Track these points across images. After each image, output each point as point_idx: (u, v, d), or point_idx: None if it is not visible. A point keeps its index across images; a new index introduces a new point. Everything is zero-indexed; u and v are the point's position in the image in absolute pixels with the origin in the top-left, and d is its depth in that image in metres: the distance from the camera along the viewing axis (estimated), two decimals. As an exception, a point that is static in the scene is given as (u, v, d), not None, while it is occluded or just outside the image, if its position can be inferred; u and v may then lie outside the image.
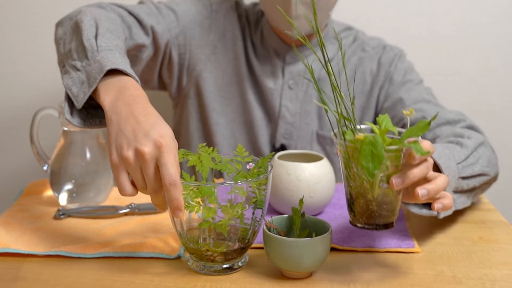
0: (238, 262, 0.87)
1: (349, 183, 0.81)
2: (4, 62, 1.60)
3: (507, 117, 1.63)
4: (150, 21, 1.19)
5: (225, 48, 1.30)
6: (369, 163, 0.74)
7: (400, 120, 1.25)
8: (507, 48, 1.59)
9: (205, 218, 0.83)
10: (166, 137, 0.80)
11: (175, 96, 1.34)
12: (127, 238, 0.96)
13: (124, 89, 0.87)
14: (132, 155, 0.79)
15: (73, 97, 0.90)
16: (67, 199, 1.10)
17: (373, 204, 0.79)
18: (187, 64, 1.29)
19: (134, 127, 0.81)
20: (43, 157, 1.12)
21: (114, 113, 0.84)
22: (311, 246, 0.81)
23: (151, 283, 0.83)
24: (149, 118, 0.82)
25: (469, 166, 1.00)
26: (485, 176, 1.05)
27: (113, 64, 0.89)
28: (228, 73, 1.30)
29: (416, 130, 0.78)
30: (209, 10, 1.29)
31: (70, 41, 0.98)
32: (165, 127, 0.81)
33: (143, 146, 0.78)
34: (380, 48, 1.33)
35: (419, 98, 1.24)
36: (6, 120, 1.64)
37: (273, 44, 1.29)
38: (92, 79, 0.89)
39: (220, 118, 1.31)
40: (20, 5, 1.56)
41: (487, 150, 1.07)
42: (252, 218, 0.85)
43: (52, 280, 0.84)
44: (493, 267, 0.89)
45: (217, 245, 0.85)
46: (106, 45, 0.94)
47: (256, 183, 0.84)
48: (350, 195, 0.81)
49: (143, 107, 0.84)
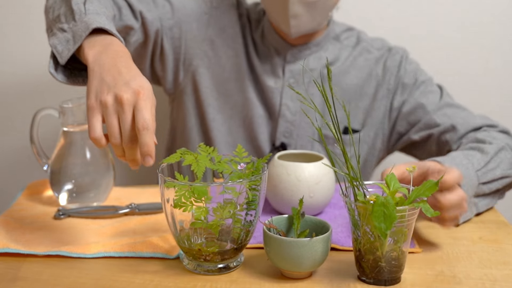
0: (233, 262, 0.87)
1: (357, 240, 0.82)
2: (4, 62, 1.60)
3: (507, 117, 1.63)
4: (140, 6, 1.20)
5: (223, 44, 1.30)
6: (382, 223, 0.77)
7: (427, 128, 1.26)
8: (507, 48, 1.59)
9: (197, 218, 0.82)
10: (145, 88, 0.82)
11: (171, 91, 1.34)
12: (127, 238, 0.96)
13: (109, 46, 0.89)
14: (111, 100, 0.81)
15: (57, 54, 0.92)
16: (67, 199, 1.10)
17: (382, 261, 0.81)
18: (183, 58, 1.29)
19: (115, 76, 0.83)
20: (43, 157, 1.12)
21: (97, 65, 0.86)
22: (311, 246, 0.81)
23: (151, 283, 0.83)
24: (130, 71, 0.85)
25: (490, 171, 1.03)
26: (507, 178, 1.07)
27: (100, 24, 0.91)
28: (227, 70, 1.30)
29: (424, 190, 0.80)
30: (208, 6, 1.29)
31: (59, 7, 1.00)
32: (145, 81, 0.83)
33: (122, 92, 0.80)
34: (385, 50, 1.33)
35: (441, 103, 1.26)
36: (6, 120, 1.63)
37: (274, 43, 1.29)
38: (77, 37, 0.91)
39: (217, 114, 1.31)
40: (20, 5, 1.56)
41: (508, 153, 1.09)
42: (245, 219, 0.85)
43: (52, 280, 0.84)
44: (493, 267, 0.89)
45: (209, 244, 0.85)
46: (94, 10, 0.96)
47: (248, 184, 0.83)
48: (359, 252, 0.83)
49: (126, 61, 0.87)
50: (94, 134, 0.81)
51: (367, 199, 0.80)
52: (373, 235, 0.80)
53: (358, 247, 0.83)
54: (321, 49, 1.30)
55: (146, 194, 1.17)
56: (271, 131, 1.31)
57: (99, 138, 0.82)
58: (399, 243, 0.81)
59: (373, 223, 0.77)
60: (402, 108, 1.29)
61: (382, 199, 0.77)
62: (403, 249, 0.82)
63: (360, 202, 0.81)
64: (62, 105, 1.08)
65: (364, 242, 0.81)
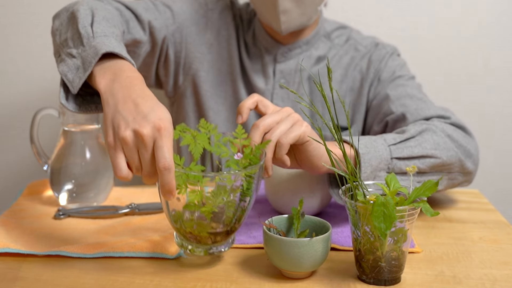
0: (224, 245, 0.86)
1: (357, 240, 0.82)
2: (4, 62, 1.60)
3: (508, 117, 1.63)
4: (147, 16, 1.19)
5: (220, 47, 1.30)
6: (381, 223, 0.77)
7: (384, 117, 1.23)
8: (507, 48, 1.59)
9: (191, 202, 0.81)
10: (165, 120, 0.79)
11: (171, 94, 1.34)
12: (127, 238, 0.96)
13: (120, 72, 0.86)
14: (131, 136, 0.78)
15: (68, 83, 0.89)
16: (67, 199, 1.10)
17: (382, 261, 0.81)
18: (183, 62, 1.29)
19: (132, 109, 0.80)
20: (43, 157, 1.12)
21: (111, 95, 0.83)
22: (311, 246, 0.81)
23: (151, 283, 0.83)
24: (147, 101, 0.81)
25: (407, 148, 1.01)
26: (432, 159, 1.03)
27: (109, 48, 0.88)
28: (223, 72, 1.30)
29: (424, 190, 0.80)
30: (205, 9, 1.29)
31: (66, 31, 0.98)
32: (164, 111, 0.80)
33: (142, 128, 0.77)
34: (372, 46, 1.32)
35: (403, 94, 1.22)
36: (6, 119, 1.64)
37: (264, 43, 1.29)
38: (87, 63, 0.88)
39: (216, 116, 1.31)
40: (20, 5, 1.56)
41: (435, 135, 1.06)
42: (239, 205, 0.84)
43: (52, 280, 0.84)
44: (493, 267, 0.89)
45: (201, 226, 0.84)
46: (102, 32, 0.94)
47: (244, 174, 0.82)
48: (359, 252, 0.83)
49: (140, 89, 0.83)
50: (121, 174, 0.79)
51: (367, 199, 0.80)
52: (373, 235, 0.80)
53: (358, 247, 0.83)
54: (312, 47, 1.30)
55: (146, 194, 1.17)
56: None
57: (126, 176, 0.80)
58: (399, 243, 0.81)
59: (373, 223, 0.77)
60: (373, 101, 1.27)
61: (382, 199, 0.77)
62: (403, 249, 0.82)
63: (360, 202, 0.81)
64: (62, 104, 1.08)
65: (364, 242, 0.81)
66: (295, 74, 1.28)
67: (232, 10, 1.32)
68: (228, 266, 0.88)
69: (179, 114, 1.35)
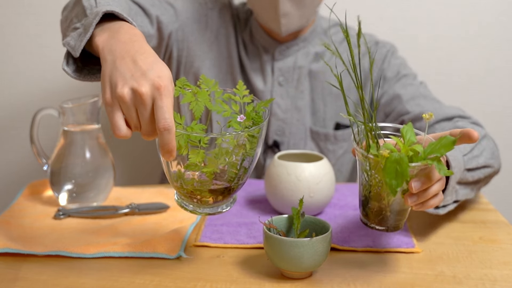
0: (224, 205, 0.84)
1: (365, 186, 0.81)
2: (4, 62, 1.60)
3: (508, 117, 1.63)
4: (155, 11, 1.19)
5: (219, 45, 1.30)
6: (393, 180, 0.74)
7: (399, 116, 1.24)
8: (507, 48, 1.59)
9: (192, 162, 0.79)
10: (164, 78, 0.75)
11: None
12: (127, 238, 0.96)
13: (119, 29, 0.83)
14: (129, 93, 0.75)
15: (71, 49, 0.86)
16: (67, 199, 1.10)
17: (387, 210, 0.80)
18: (184, 61, 1.29)
19: (130, 66, 0.77)
20: (43, 157, 1.12)
21: (109, 52, 0.79)
22: (311, 246, 0.81)
23: (151, 283, 0.83)
24: (146, 57, 0.78)
25: (474, 158, 1.01)
26: (489, 168, 1.05)
27: (110, 8, 0.86)
28: (223, 71, 1.31)
29: (440, 147, 0.76)
30: (205, 8, 1.30)
31: (72, 13, 0.97)
32: (163, 67, 0.77)
33: (140, 86, 0.74)
34: (372, 44, 1.33)
35: (417, 93, 1.24)
36: (7, 119, 1.63)
37: (262, 41, 1.29)
38: (88, 26, 0.85)
39: None
40: (20, 5, 1.56)
41: (490, 143, 1.08)
42: (241, 164, 0.82)
43: (52, 280, 0.84)
44: (493, 267, 0.89)
45: (202, 184, 0.81)
46: (105, 1, 0.92)
47: (247, 134, 0.80)
48: (365, 197, 0.82)
49: (139, 45, 0.80)
50: (120, 133, 0.76)
51: (380, 152, 0.76)
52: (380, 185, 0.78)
53: (364, 192, 0.81)
54: (309, 44, 1.30)
55: (146, 194, 1.17)
56: None
57: (125, 135, 0.76)
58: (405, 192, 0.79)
59: (384, 178, 0.74)
60: (381, 99, 1.28)
61: (396, 156, 0.74)
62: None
63: (372, 154, 0.78)
64: (62, 105, 1.08)
65: (371, 189, 0.80)
66: (293, 71, 1.29)
67: (230, 8, 1.32)
68: (228, 266, 0.88)
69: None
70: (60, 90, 1.59)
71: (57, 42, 1.50)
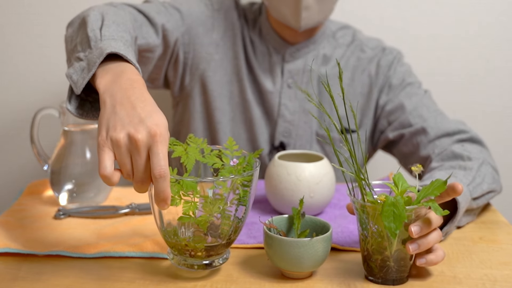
0: (219, 259, 0.85)
1: (365, 240, 0.82)
2: (4, 62, 1.60)
3: (508, 117, 1.63)
4: (160, 19, 1.19)
5: (226, 47, 1.30)
6: (391, 223, 0.77)
7: (401, 127, 1.26)
8: (507, 48, 1.59)
9: (185, 213, 0.80)
10: (161, 127, 0.76)
11: (177, 94, 1.34)
12: (127, 238, 0.96)
13: (122, 73, 0.84)
14: (125, 139, 0.75)
15: (73, 84, 0.87)
16: (67, 199, 1.10)
17: (390, 260, 0.81)
18: (191, 63, 1.29)
19: (129, 112, 0.77)
20: (43, 157, 1.12)
21: (109, 96, 0.80)
22: (311, 246, 0.81)
23: (151, 283, 0.83)
24: (145, 105, 0.78)
25: (478, 186, 1.02)
26: (492, 193, 1.08)
27: (114, 49, 0.86)
28: (228, 72, 1.30)
29: (433, 189, 0.80)
30: (211, 10, 1.30)
31: (76, 36, 0.97)
32: (161, 116, 0.78)
33: (137, 132, 0.75)
34: (379, 50, 1.33)
35: (420, 104, 1.26)
36: (7, 120, 1.63)
37: (272, 42, 1.29)
38: (92, 64, 0.86)
39: (222, 116, 1.31)
40: (20, 5, 1.56)
41: (489, 168, 1.09)
42: (235, 215, 0.83)
43: (52, 280, 0.84)
44: (493, 267, 0.89)
45: (196, 239, 0.83)
46: (110, 35, 0.92)
47: (240, 180, 0.82)
48: (367, 251, 0.83)
49: (140, 93, 0.80)
50: (104, 172, 0.74)
51: (376, 198, 0.80)
52: (381, 235, 0.80)
53: (366, 247, 0.83)
54: (319, 46, 1.30)
55: (146, 194, 1.16)
56: (271, 131, 1.32)
57: (110, 176, 0.75)
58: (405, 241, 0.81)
59: (382, 223, 0.77)
60: (386, 106, 1.29)
61: (392, 199, 0.77)
62: None
63: (369, 202, 0.81)
64: (62, 105, 1.08)
65: (372, 242, 0.81)
66: (303, 74, 1.29)
67: (236, 9, 1.32)
68: (228, 266, 0.88)
69: (185, 114, 1.35)
70: (60, 90, 1.59)
71: (57, 42, 1.50)
